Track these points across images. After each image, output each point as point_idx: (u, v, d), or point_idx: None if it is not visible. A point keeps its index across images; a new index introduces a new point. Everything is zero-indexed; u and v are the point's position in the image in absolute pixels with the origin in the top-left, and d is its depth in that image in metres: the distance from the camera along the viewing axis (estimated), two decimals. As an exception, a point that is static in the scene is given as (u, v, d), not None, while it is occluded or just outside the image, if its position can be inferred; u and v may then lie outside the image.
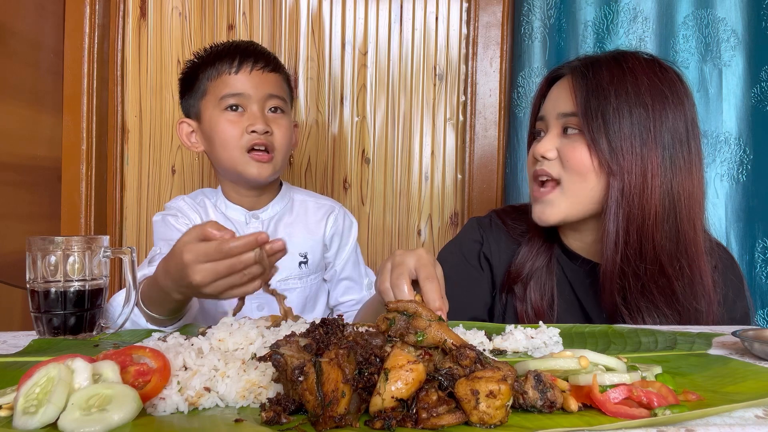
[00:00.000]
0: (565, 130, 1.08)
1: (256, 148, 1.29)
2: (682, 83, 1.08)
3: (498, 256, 1.20)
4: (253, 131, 1.27)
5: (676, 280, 1.03)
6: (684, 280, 1.04)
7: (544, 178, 1.10)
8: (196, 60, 1.36)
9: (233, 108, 1.29)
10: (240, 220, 1.38)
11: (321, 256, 1.43)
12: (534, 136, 1.17)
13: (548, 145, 1.09)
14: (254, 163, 1.29)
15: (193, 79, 1.34)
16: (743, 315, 1.15)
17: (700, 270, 1.05)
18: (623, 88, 1.03)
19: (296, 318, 0.86)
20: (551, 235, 1.17)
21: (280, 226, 1.40)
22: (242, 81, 1.29)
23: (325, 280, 1.48)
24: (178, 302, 0.93)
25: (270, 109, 1.33)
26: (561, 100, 1.09)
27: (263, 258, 0.83)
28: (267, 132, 1.29)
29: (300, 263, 1.39)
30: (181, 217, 1.34)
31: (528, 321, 1.11)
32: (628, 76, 1.05)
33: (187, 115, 1.38)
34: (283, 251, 0.87)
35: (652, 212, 1.02)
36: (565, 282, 1.15)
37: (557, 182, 1.08)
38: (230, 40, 1.40)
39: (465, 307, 1.13)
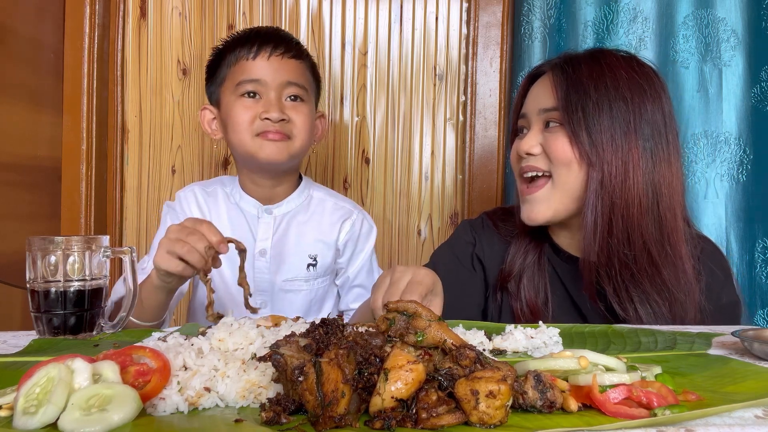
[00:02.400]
0: (546, 124, 1.09)
1: (270, 138, 1.25)
2: (659, 78, 1.10)
3: (490, 257, 1.21)
4: (266, 118, 1.24)
5: (663, 268, 1.05)
6: (669, 268, 1.05)
7: (532, 174, 1.10)
8: (220, 47, 1.34)
9: (250, 95, 1.27)
10: (252, 213, 1.35)
11: (332, 260, 1.39)
12: (516, 133, 1.18)
13: (532, 141, 1.10)
14: (267, 144, 1.25)
15: (216, 66, 1.33)
16: (730, 304, 1.14)
17: (682, 257, 1.06)
18: (602, 83, 1.05)
19: (214, 314, 0.92)
20: (540, 233, 1.18)
21: (292, 224, 1.36)
22: (260, 67, 1.26)
23: (336, 285, 1.45)
24: (159, 295, 1.05)
25: (289, 97, 1.28)
26: (542, 96, 1.11)
27: (209, 255, 0.95)
28: (283, 120, 1.25)
29: (308, 265, 1.35)
30: (181, 214, 1.33)
31: (524, 319, 1.12)
32: (607, 72, 1.06)
33: (210, 102, 1.36)
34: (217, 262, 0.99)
35: (636, 202, 1.03)
36: (556, 279, 1.15)
37: (548, 177, 1.09)
38: (255, 27, 1.37)
39: (458, 309, 1.13)
